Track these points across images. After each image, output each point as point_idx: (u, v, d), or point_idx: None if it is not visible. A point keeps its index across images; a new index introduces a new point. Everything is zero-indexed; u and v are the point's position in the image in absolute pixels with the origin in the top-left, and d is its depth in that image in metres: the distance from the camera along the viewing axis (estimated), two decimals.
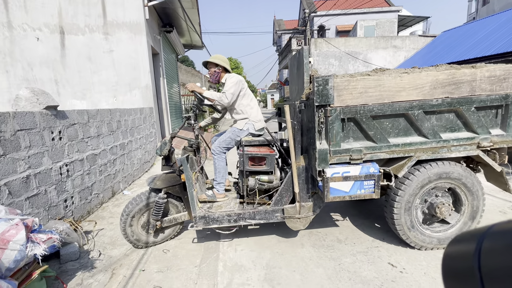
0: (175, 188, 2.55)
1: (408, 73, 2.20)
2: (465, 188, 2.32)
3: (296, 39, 17.51)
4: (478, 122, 2.25)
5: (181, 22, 8.39)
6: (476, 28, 12.30)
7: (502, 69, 2.20)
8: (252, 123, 2.72)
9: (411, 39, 16.13)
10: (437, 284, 1.95)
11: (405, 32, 21.08)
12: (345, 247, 2.50)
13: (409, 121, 2.27)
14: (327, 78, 2.08)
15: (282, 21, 30.42)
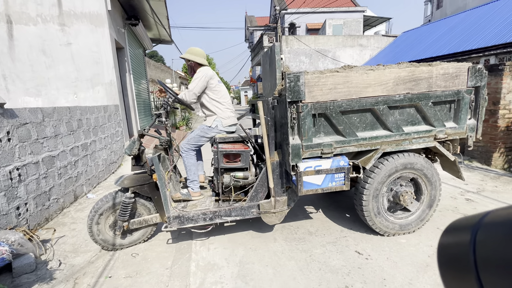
0: (144, 187, 2.45)
1: (374, 70, 2.30)
2: (426, 179, 2.51)
3: (268, 35, 17.58)
4: (434, 116, 2.43)
5: (148, 15, 7.99)
6: (431, 30, 13.32)
7: (454, 67, 2.39)
8: (220, 120, 2.66)
9: (376, 38, 17.03)
10: (398, 267, 2.10)
11: (370, 32, 22.21)
12: (315, 238, 2.59)
13: (375, 116, 2.38)
14: (298, 75, 2.12)
15: (254, 17, 30.37)
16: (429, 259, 2.19)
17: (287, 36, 17.12)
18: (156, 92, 2.73)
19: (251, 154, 2.64)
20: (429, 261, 2.16)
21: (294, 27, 22.29)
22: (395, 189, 2.52)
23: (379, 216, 2.47)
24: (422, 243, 2.41)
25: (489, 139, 4.49)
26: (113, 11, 5.96)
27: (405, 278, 1.99)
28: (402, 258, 2.21)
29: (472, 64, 2.40)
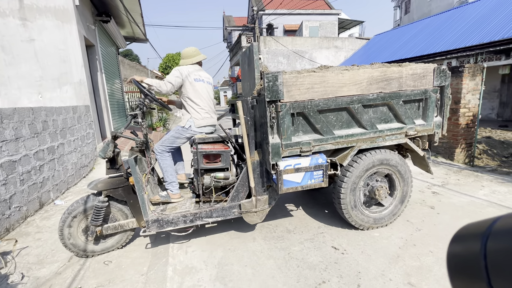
0: (118, 191, 2.35)
1: (348, 70, 2.37)
2: (400, 175, 2.65)
3: (246, 36, 17.59)
4: (405, 114, 2.55)
5: (120, 12, 7.67)
6: (400, 33, 14.07)
7: (421, 67, 2.54)
8: (193, 120, 2.59)
9: (350, 40, 17.67)
10: (371, 260, 2.19)
11: (344, 34, 23.01)
12: (294, 236, 2.63)
13: (350, 114, 2.46)
14: (277, 74, 2.14)
15: (232, 17, 30.24)
16: (400, 250, 2.30)
17: (265, 37, 17.24)
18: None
19: (231, 154, 2.63)
20: (400, 252, 2.28)
21: (272, 28, 22.51)
22: (371, 183, 2.61)
23: (355, 210, 2.56)
24: (393, 236, 2.53)
25: (452, 136, 4.83)
26: (81, 6, 5.65)
27: (378, 270, 2.07)
28: (375, 251, 2.31)
29: (437, 65, 2.57)
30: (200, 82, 2.61)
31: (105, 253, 2.48)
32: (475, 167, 4.59)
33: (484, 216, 2.81)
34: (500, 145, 5.65)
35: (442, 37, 10.19)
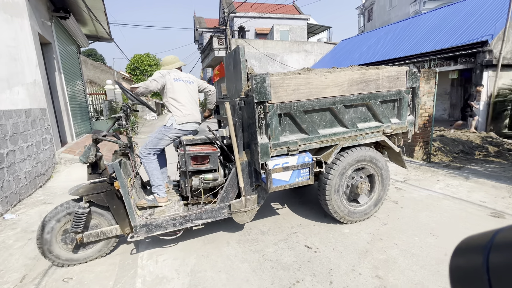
0: (100, 196, 2.27)
1: (331, 72, 2.49)
2: (381, 178, 2.84)
3: (217, 38, 17.44)
4: (382, 113, 2.71)
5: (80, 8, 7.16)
6: (364, 39, 14.95)
7: (396, 70, 2.73)
8: (174, 118, 2.58)
9: (318, 45, 18.37)
10: (342, 256, 2.27)
11: (313, 39, 23.87)
12: (268, 238, 2.64)
13: (333, 114, 2.57)
14: (264, 76, 2.18)
15: (203, 18, 29.85)
16: (368, 245, 2.41)
17: (237, 39, 17.26)
18: None
19: (218, 155, 2.61)
20: (368, 247, 2.39)
21: (244, 31, 22.61)
22: (356, 177, 2.76)
23: (339, 202, 2.67)
24: (362, 231, 2.65)
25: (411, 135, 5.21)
26: (35, 0, 5.18)
27: (348, 265, 2.15)
28: (346, 247, 2.40)
29: (409, 69, 2.78)
30: (179, 81, 2.63)
31: (88, 262, 2.36)
32: (432, 163, 5.00)
33: (440, 207, 3.06)
34: (452, 143, 6.22)
35: (401, 44, 11.01)
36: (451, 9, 10.70)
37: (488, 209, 2.96)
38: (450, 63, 8.40)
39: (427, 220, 2.77)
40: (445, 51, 8.38)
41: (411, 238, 2.46)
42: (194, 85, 2.78)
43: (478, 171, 4.46)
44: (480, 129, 7.63)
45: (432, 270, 2.03)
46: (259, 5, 21.11)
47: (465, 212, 2.92)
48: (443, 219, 2.79)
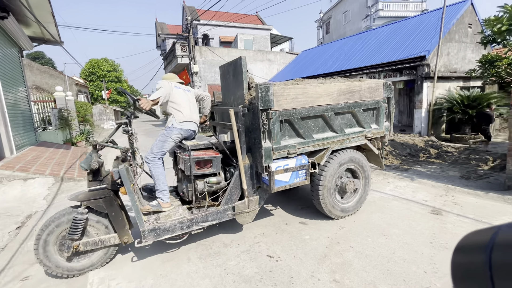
0: (99, 202, 2.26)
1: (323, 83, 2.78)
2: (364, 176, 3.16)
3: (181, 44, 17.10)
4: (364, 120, 3.06)
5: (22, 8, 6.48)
6: (323, 51, 15.88)
7: (375, 83, 3.10)
8: (174, 118, 2.69)
9: (281, 54, 19.04)
10: (303, 263, 2.32)
11: (276, 49, 24.68)
12: (230, 250, 2.60)
13: (325, 120, 2.85)
14: (268, 86, 2.40)
15: (165, 24, 29.11)
16: (327, 249, 2.51)
17: (201, 47, 17.12)
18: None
19: None
20: (326, 251, 2.48)
21: (208, 38, 22.53)
22: (344, 177, 3.07)
23: (330, 199, 2.94)
24: (321, 236, 2.75)
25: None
26: None
27: (308, 272, 2.21)
28: (306, 254, 2.46)
29: (385, 81, 3.19)
30: (179, 89, 2.79)
31: (86, 272, 2.29)
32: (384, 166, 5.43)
33: (390, 208, 3.32)
34: (400, 146, 6.84)
35: (355, 56, 11.92)
36: (396, 26, 11.93)
37: (429, 207, 3.29)
38: (396, 75, 9.30)
39: (379, 221, 2.99)
40: (392, 64, 9.27)
41: (365, 240, 2.62)
42: (192, 93, 2.95)
43: (422, 172, 4.96)
44: (423, 134, 8.54)
45: (383, 269, 2.18)
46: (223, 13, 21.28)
47: (411, 211, 3.20)
48: (393, 219, 3.03)
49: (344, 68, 11.49)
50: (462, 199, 3.50)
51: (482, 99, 7.67)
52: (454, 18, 9.05)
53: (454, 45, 9.23)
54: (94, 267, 2.33)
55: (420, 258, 2.27)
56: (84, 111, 17.39)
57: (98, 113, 23.63)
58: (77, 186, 5.01)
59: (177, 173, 3.13)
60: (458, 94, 8.18)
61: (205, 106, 3.20)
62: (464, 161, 5.77)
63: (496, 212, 3.08)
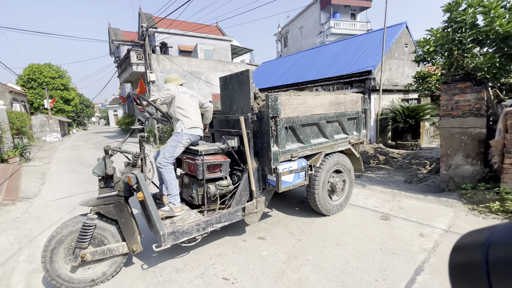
0: (109, 208, 2.23)
1: (318, 95, 3.17)
2: (349, 176, 3.63)
3: (136, 52, 16.26)
4: (348, 127, 3.57)
5: None
6: (282, 63, 16.50)
7: (356, 96, 3.70)
8: (183, 124, 2.77)
9: (242, 65, 19.28)
10: (259, 283, 2.23)
11: (237, 60, 25.00)
12: (183, 275, 2.39)
13: (319, 128, 3.24)
14: (277, 96, 2.71)
15: (119, 30, 27.55)
16: (284, 265, 2.46)
17: (159, 55, 16.49)
18: (139, 108, 2.60)
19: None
20: (284, 267, 2.43)
21: (166, 47, 21.86)
22: (334, 177, 3.46)
23: (324, 199, 3.30)
24: (279, 251, 2.70)
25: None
26: None
27: None
28: (263, 272, 2.38)
29: (362, 95, 3.79)
30: (185, 94, 2.88)
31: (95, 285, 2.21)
32: None
33: (344, 215, 3.44)
34: None
35: (311, 69, 12.60)
36: (346, 43, 12.96)
37: (378, 213, 3.49)
38: (348, 87, 10.02)
39: (334, 231, 3.06)
40: (343, 77, 9.98)
41: (321, 251, 2.64)
42: (196, 100, 3.04)
43: (372, 178, 5.30)
44: (372, 141, 9.26)
45: (338, 282, 2.19)
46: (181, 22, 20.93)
47: (363, 218, 3.36)
48: (347, 227, 3.13)
49: (301, 80, 12.03)
50: (406, 203, 3.79)
51: (419, 110, 8.63)
52: (393, 38, 10.15)
53: (394, 62, 10.31)
54: (101, 280, 2.25)
55: (372, 266, 2.35)
56: (20, 122, 15.33)
57: (39, 125, 21.06)
58: (3, 212, 4.26)
59: (181, 178, 3.20)
60: (400, 105, 9.09)
61: (208, 117, 3.34)
62: (407, 165, 6.35)
63: (434, 214, 3.38)
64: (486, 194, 3.49)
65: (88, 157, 10.27)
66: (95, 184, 6.15)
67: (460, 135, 3.94)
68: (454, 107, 3.96)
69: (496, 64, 3.55)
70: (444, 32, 4.09)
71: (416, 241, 2.72)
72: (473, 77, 3.88)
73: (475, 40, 3.87)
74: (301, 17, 24.10)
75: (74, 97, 28.83)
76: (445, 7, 4.04)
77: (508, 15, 3.44)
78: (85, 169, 7.91)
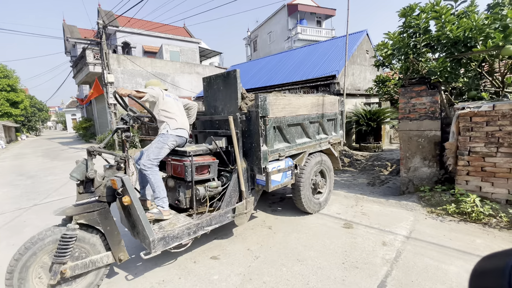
0: (93, 216, 2.04)
1: (302, 97, 3.27)
2: (329, 174, 3.80)
3: (93, 51, 15.01)
4: (328, 128, 3.78)
5: None
6: (251, 66, 16.37)
7: (334, 98, 3.90)
8: (168, 125, 2.66)
9: (210, 68, 18.82)
10: None
11: (206, 62, 24.44)
12: None
13: (302, 128, 3.35)
14: (266, 96, 2.74)
15: (76, 28, 25.48)
16: None
17: (119, 55, 15.42)
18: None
19: None
20: None
21: (129, 47, 20.62)
22: (316, 176, 3.59)
23: (309, 197, 3.42)
24: (232, 273, 2.38)
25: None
26: None
27: None
28: None
29: (339, 97, 4.04)
30: (169, 97, 2.80)
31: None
32: None
33: (307, 225, 3.23)
34: None
35: (278, 73, 12.59)
36: (312, 48, 13.20)
37: (341, 221, 3.34)
38: (313, 91, 10.11)
39: (295, 244, 2.82)
40: (309, 81, 10.06)
41: (280, 270, 2.37)
42: (180, 102, 2.98)
43: (337, 181, 5.24)
44: None
45: None
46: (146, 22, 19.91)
47: (325, 227, 3.17)
48: (309, 238, 2.91)
49: (269, 84, 11.95)
50: (369, 208, 3.71)
51: (380, 114, 8.95)
52: (355, 45, 10.51)
53: (357, 67, 10.67)
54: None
55: (333, 285, 2.13)
56: None
57: None
58: None
59: (165, 182, 2.98)
60: (362, 109, 9.36)
61: (191, 115, 3.26)
62: (370, 167, 6.44)
63: (395, 218, 3.32)
64: (443, 196, 3.52)
65: (31, 167, 9.06)
66: (31, 199, 5.32)
67: (418, 137, 3.99)
68: (412, 110, 4.01)
69: (447, 69, 3.63)
70: (400, 37, 4.14)
71: (378, 251, 2.58)
72: (427, 80, 3.95)
73: (428, 45, 3.96)
74: (270, 22, 24.35)
75: (23, 99, 25.94)
76: (400, 12, 4.10)
77: (457, 21, 3.55)
78: (24, 181, 6.90)
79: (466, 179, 3.39)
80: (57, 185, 6.23)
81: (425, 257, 2.42)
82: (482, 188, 3.28)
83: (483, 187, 3.28)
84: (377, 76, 6.74)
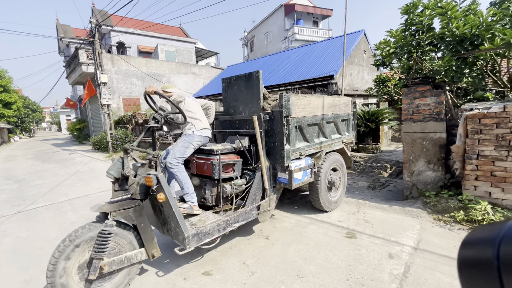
0: (128, 212, 2.05)
1: (320, 97, 3.36)
2: (343, 173, 3.86)
3: (86, 50, 14.68)
4: (342, 128, 3.88)
5: None
6: (247, 66, 16.16)
7: (347, 99, 4.02)
8: (193, 126, 2.76)
9: (206, 68, 18.58)
10: None
11: (202, 63, 24.18)
12: None
13: (320, 128, 3.45)
14: (289, 96, 2.79)
15: (69, 27, 25.08)
16: None
17: (113, 55, 15.13)
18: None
19: None
20: None
21: (124, 47, 20.30)
22: (332, 174, 3.63)
23: (326, 195, 3.48)
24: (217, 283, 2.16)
25: None
26: None
27: None
28: None
29: (352, 98, 4.12)
30: (190, 98, 2.93)
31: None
32: None
33: (307, 235, 3.01)
34: None
35: (276, 73, 12.40)
36: (309, 48, 13.03)
37: (344, 229, 3.13)
38: (311, 91, 9.93)
39: (295, 257, 2.60)
40: (307, 81, 9.87)
41: None
42: (198, 103, 3.07)
43: None
44: None
45: None
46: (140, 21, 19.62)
47: (327, 237, 2.96)
48: (309, 250, 2.70)
49: (266, 84, 11.74)
50: (372, 215, 3.51)
51: (378, 114, 8.78)
52: (353, 45, 10.35)
53: (354, 67, 10.51)
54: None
55: None
56: None
57: None
58: None
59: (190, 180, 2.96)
60: (361, 110, 9.19)
61: (210, 114, 3.31)
62: (370, 169, 6.26)
63: (400, 227, 3.12)
64: (450, 202, 3.34)
65: (20, 170, 8.75)
66: (15, 205, 5.03)
67: (422, 140, 3.81)
68: (415, 111, 3.82)
69: (453, 68, 3.45)
70: (402, 35, 3.96)
71: (385, 265, 2.38)
72: (431, 80, 3.77)
73: (431, 44, 3.78)
74: (266, 22, 24.17)
75: (16, 100, 25.45)
76: (403, 9, 3.93)
77: (464, 18, 3.37)
78: (10, 185, 6.60)
79: (474, 184, 3.21)
80: (45, 189, 5.95)
81: (436, 272, 2.22)
82: (491, 194, 3.10)
83: (492, 193, 3.10)
84: (377, 76, 6.58)
